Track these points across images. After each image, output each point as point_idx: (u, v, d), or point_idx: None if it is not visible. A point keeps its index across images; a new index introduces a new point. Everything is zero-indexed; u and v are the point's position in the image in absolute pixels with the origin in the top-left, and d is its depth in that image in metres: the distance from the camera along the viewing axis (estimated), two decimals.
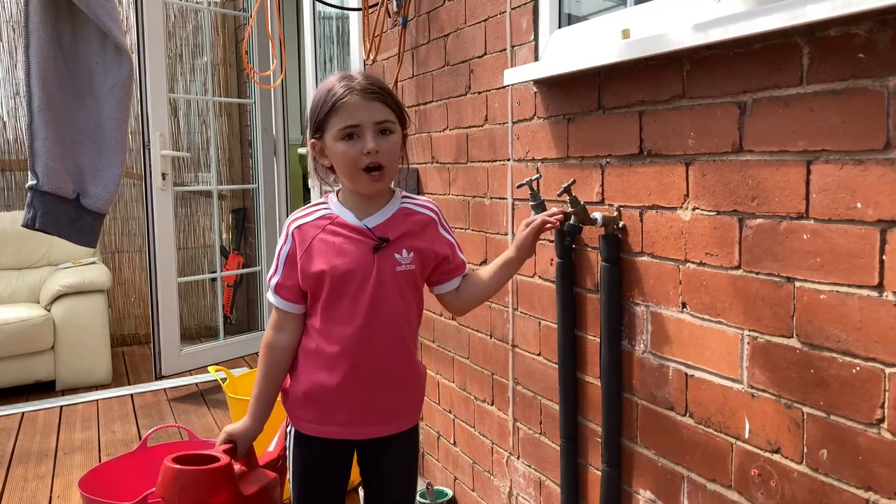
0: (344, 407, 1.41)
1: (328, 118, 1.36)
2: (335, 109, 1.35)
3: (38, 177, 2.31)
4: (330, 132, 1.36)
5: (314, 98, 1.40)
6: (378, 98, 1.35)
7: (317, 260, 1.37)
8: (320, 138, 1.39)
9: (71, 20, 2.39)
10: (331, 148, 1.37)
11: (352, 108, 1.34)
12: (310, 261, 1.37)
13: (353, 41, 2.95)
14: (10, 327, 3.67)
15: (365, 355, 1.38)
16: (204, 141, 4.89)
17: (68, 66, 2.40)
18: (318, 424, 1.43)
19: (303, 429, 1.45)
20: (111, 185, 2.45)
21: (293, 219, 1.42)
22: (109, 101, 2.44)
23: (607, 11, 1.68)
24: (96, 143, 2.44)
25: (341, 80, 1.37)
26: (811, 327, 1.12)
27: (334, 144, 1.36)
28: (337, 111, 1.35)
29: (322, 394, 1.41)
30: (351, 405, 1.41)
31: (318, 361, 1.40)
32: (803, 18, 1.02)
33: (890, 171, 1.00)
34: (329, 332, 1.39)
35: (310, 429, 1.44)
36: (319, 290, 1.37)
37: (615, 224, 1.51)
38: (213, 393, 3.70)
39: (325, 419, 1.43)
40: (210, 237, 4.90)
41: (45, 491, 2.63)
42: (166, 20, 4.36)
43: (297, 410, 1.45)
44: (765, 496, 1.22)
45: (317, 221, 1.40)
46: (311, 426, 1.44)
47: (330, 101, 1.36)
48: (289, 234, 1.40)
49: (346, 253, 1.37)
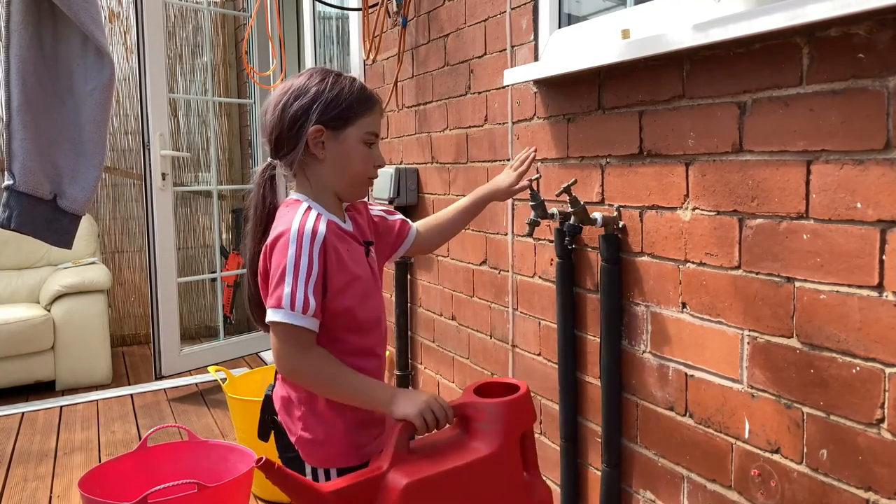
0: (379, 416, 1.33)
1: (361, 114, 1.27)
2: (371, 110, 1.29)
3: (14, 177, 2.31)
4: (357, 129, 1.26)
5: (336, 83, 1.27)
6: None
7: (344, 270, 1.24)
8: (337, 129, 1.26)
9: (53, 21, 2.38)
10: (347, 144, 1.26)
11: (380, 118, 1.31)
12: (339, 271, 1.23)
13: (353, 41, 2.95)
14: (10, 327, 3.67)
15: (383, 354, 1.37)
16: (204, 141, 4.89)
17: (49, 67, 2.39)
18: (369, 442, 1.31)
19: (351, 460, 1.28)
20: (89, 187, 2.45)
21: (312, 225, 1.21)
22: (89, 103, 2.43)
23: (607, 11, 1.68)
24: (75, 145, 2.43)
25: (361, 83, 1.31)
26: (811, 327, 1.12)
27: (356, 144, 1.27)
28: (372, 112, 1.29)
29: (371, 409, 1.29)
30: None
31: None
32: (803, 18, 1.02)
33: (890, 171, 1.00)
34: (363, 346, 1.29)
35: (362, 455, 1.28)
36: (348, 302, 1.24)
37: (615, 224, 1.51)
38: (213, 393, 3.70)
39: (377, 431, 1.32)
40: (210, 237, 4.90)
41: (45, 491, 2.62)
42: (166, 20, 4.36)
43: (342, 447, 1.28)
44: (765, 496, 1.22)
45: (329, 226, 1.23)
46: (366, 450, 1.29)
47: (367, 98, 1.28)
48: (314, 241, 1.20)
49: (358, 261, 1.28)
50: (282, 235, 1.21)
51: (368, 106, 1.28)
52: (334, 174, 1.28)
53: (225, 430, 3.15)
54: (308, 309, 1.18)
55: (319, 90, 1.26)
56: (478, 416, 1.22)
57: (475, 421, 1.22)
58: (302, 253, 1.19)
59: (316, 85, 1.27)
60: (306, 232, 1.20)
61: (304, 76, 1.30)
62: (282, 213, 1.28)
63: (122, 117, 4.79)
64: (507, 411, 1.22)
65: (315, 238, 1.20)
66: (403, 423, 1.18)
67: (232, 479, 2.02)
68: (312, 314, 1.19)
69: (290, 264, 1.18)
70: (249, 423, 2.52)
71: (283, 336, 1.20)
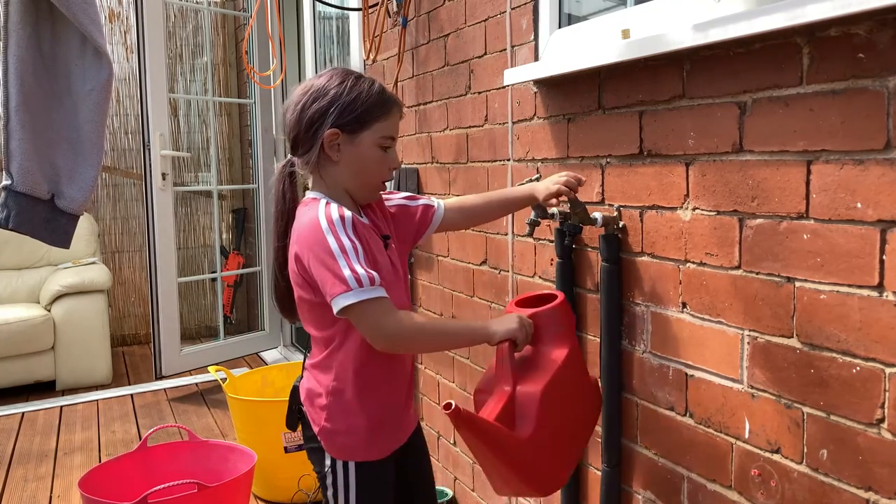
0: (407, 408, 1.40)
1: (377, 118, 1.29)
2: (388, 114, 1.31)
3: (12, 177, 2.32)
4: (372, 133, 1.29)
5: (354, 86, 1.29)
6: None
7: (370, 254, 1.27)
8: (352, 132, 1.29)
9: (51, 21, 2.38)
10: (361, 149, 1.29)
11: (398, 121, 1.33)
12: (366, 254, 1.25)
13: (353, 41, 2.95)
14: (10, 327, 3.67)
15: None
16: (204, 141, 4.89)
17: (47, 67, 2.39)
18: (387, 438, 1.37)
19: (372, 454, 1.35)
20: (87, 187, 2.45)
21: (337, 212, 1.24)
22: (87, 103, 2.43)
23: (607, 11, 1.68)
24: (73, 145, 2.44)
25: (381, 85, 1.32)
26: (811, 327, 1.12)
27: (371, 148, 1.30)
28: (389, 116, 1.31)
29: (394, 402, 1.37)
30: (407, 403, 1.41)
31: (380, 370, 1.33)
32: (803, 18, 1.02)
33: (890, 171, 1.00)
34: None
35: (380, 450, 1.36)
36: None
37: (615, 224, 1.51)
38: (213, 393, 3.70)
39: (399, 428, 1.39)
40: (210, 237, 4.91)
41: (45, 491, 2.63)
42: (166, 20, 4.36)
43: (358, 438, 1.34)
44: (765, 496, 1.22)
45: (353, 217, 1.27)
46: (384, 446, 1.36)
47: (385, 101, 1.30)
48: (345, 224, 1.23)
49: (379, 251, 1.33)
50: (311, 233, 1.23)
51: (385, 110, 1.30)
52: (348, 176, 1.31)
53: (225, 430, 3.15)
54: (374, 280, 1.20)
55: (337, 93, 1.28)
56: (546, 322, 1.34)
57: (545, 327, 1.34)
58: (340, 236, 1.22)
59: (335, 88, 1.29)
60: (335, 218, 1.23)
61: (325, 77, 1.32)
62: (301, 212, 1.31)
63: (122, 117, 4.79)
64: (566, 312, 1.38)
65: (344, 221, 1.23)
66: (508, 344, 1.26)
67: (232, 479, 2.02)
68: (378, 283, 1.21)
69: (336, 250, 1.20)
70: (249, 423, 2.53)
71: (365, 314, 1.21)
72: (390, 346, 1.26)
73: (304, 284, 1.28)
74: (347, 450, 1.33)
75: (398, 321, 1.22)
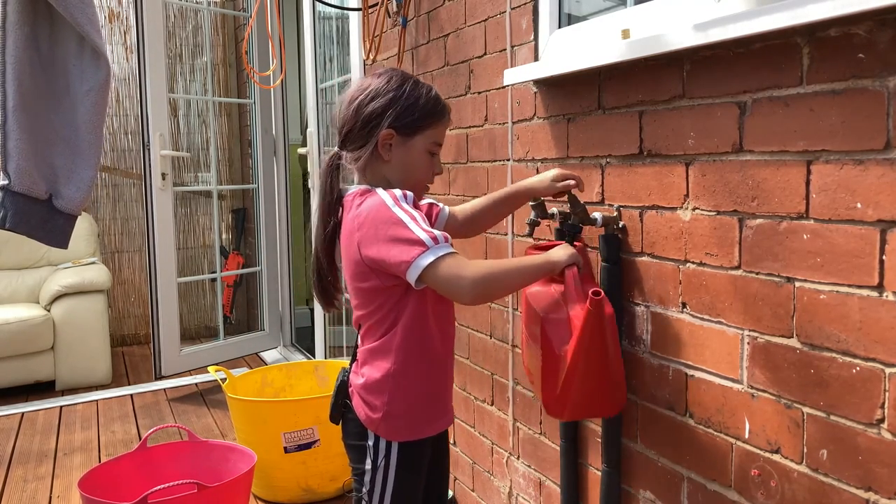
0: (451, 389, 1.45)
1: (430, 124, 1.35)
2: (440, 121, 1.35)
3: (9, 177, 2.32)
4: (424, 138, 1.35)
5: (413, 91, 1.34)
6: None
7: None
8: (406, 135, 1.33)
9: (49, 22, 2.38)
10: (413, 152, 1.34)
11: (446, 128, 1.39)
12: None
13: (353, 41, 2.95)
14: (10, 327, 3.67)
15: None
16: (204, 141, 4.89)
17: (45, 67, 2.39)
18: (438, 418, 1.42)
19: (424, 432, 1.39)
20: (84, 187, 2.45)
21: (401, 191, 1.30)
22: (85, 103, 2.43)
23: (607, 11, 1.68)
24: (71, 145, 2.44)
25: (437, 93, 1.36)
26: (811, 327, 1.12)
27: (421, 152, 1.35)
28: (441, 123, 1.36)
29: (448, 379, 1.42)
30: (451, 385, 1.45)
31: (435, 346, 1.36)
32: (803, 18, 1.02)
33: (890, 171, 1.00)
34: (444, 310, 1.38)
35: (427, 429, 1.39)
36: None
37: (615, 224, 1.51)
38: (213, 393, 3.70)
39: (446, 410, 1.44)
40: (210, 237, 4.91)
41: (44, 491, 2.62)
42: (166, 20, 4.36)
43: (412, 418, 1.37)
44: (765, 496, 1.22)
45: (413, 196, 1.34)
46: (435, 423, 1.41)
47: (440, 109, 1.35)
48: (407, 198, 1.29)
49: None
50: (377, 212, 1.26)
51: (439, 117, 1.35)
52: (396, 176, 1.35)
53: (225, 430, 3.15)
54: (448, 238, 1.24)
55: (397, 95, 1.32)
56: (584, 256, 1.48)
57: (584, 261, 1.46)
58: (404, 207, 1.26)
59: (394, 90, 1.33)
60: (399, 195, 1.28)
61: (383, 77, 1.35)
62: (358, 201, 1.32)
63: (122, 117, 4.79)
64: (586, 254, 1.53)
65: (406, 196, 1.29)
66: (573, 270, 1.33)
67: (232, 479, 2.02)
68: (451, 241, 1.25)
69: (406, 218, 1.24)
70: (249, 424, 2.53)
71: (449, 269, 1.21)
72: (477, 295, 1.25)
73: (367, 273, 1.29)
74: (401, 430, 1.36)
75: (477, 268, 1.23)
